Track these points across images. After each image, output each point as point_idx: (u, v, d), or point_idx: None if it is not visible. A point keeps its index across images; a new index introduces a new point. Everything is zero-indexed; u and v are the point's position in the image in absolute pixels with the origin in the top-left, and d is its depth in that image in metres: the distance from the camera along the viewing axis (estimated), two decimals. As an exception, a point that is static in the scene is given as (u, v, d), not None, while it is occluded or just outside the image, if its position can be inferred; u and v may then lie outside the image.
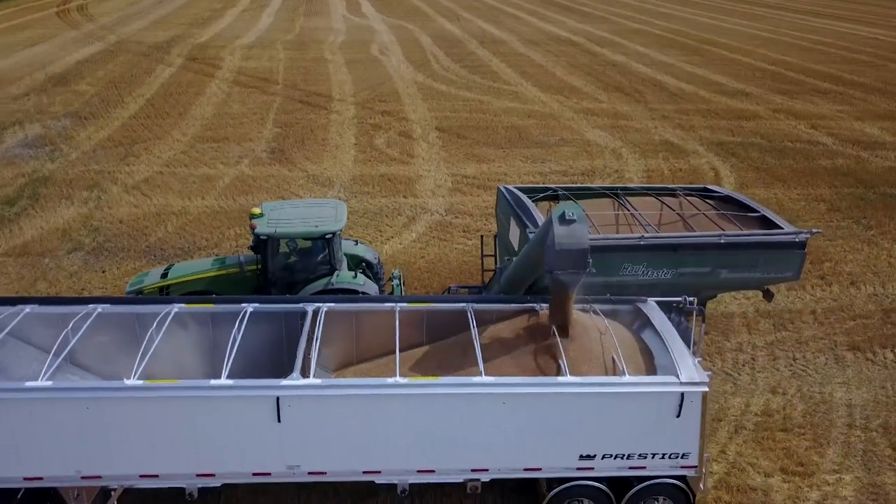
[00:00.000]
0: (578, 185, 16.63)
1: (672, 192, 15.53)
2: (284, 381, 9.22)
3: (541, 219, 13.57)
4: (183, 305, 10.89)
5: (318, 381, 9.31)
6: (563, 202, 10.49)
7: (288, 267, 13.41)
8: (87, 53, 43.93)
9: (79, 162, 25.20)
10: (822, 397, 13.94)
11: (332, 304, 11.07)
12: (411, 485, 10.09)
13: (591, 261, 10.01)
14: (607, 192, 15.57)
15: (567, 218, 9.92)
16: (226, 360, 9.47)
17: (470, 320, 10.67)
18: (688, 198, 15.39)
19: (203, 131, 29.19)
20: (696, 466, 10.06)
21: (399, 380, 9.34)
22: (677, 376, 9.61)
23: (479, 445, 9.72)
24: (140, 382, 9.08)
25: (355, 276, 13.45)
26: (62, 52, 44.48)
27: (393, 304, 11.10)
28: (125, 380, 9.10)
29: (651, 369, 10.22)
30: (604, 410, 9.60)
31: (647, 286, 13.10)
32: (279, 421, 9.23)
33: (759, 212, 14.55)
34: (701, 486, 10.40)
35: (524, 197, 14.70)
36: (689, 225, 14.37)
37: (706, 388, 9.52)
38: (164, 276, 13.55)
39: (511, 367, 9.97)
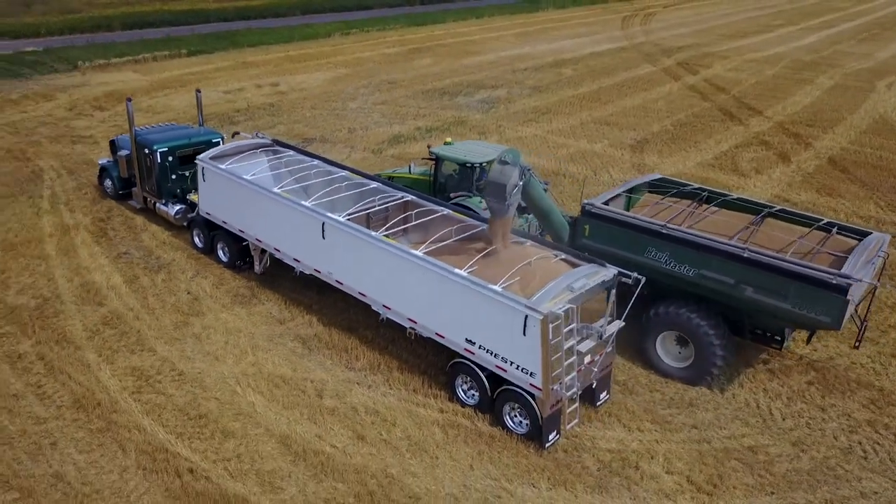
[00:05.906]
0: (734, 194, 16.80)
1: (826, 227, 14.77)
2: (328, 213, 14.88)
3: (603, 198, 15.55)
4: (349, 173, 17.35)
5: (342, 219, 14.66)
6: (509, 148, 12.89)
7: (446, 180, 18.46)
8: (602, 49, 52.35)
9: (490, 117, 33.38)
10: (839, 473, 12.24)
11: (414, 198, 15.98)
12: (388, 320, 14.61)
13: (507, 196, 12.52)
14: (758, 207, 15.69)
15: (502, 160, 12.69)
16: (317, 195, 15.58)
17: (467, 232, 14.32)
18: (838, 234, 14.51)
19: (606, 115, 34.17)
20: (541, 389, 11.96)
21: (374, 234, 14.04)
22: (526, 300, 11.74)
23: (412, 301, 13.71)
24: (277, 191, 15.98)
25: (480, 202, 17.58)
26: (589, 44, 53.96)
27: (441, 209, 15.36)
28: (274, 188, 16.15)
29: (538, 297, 12.30)
30: (476, 307, 12.41)
31: (671, 278, 13.93)
32: (324, 238, 15.02)
33: (846, 256, 13.28)
34: (563, 425, 12.20)
35: (634, 184, 16.55)
36: (808, 256, 13.93)
37: (541, 317, 11.41)
38: (393, 171, 20.31)
39: (446, 257, 13.36)
